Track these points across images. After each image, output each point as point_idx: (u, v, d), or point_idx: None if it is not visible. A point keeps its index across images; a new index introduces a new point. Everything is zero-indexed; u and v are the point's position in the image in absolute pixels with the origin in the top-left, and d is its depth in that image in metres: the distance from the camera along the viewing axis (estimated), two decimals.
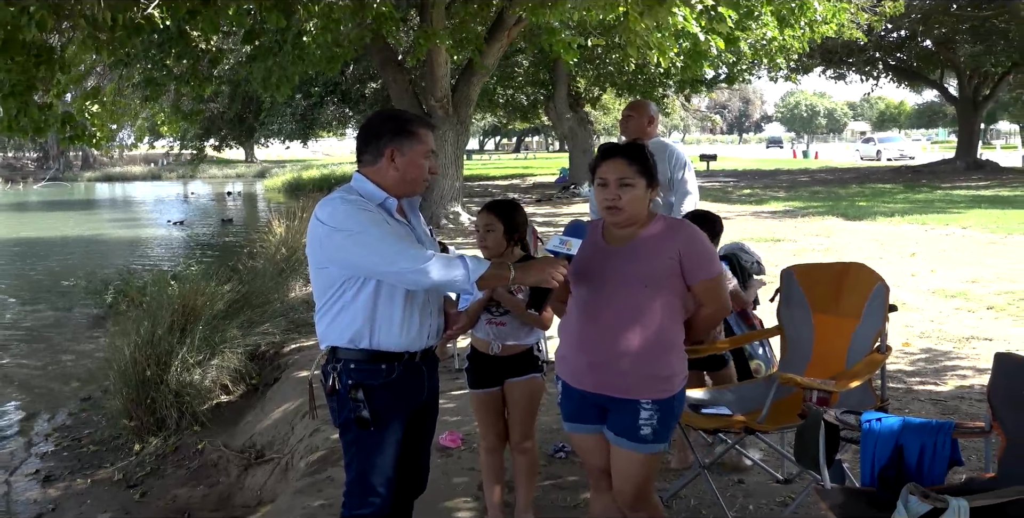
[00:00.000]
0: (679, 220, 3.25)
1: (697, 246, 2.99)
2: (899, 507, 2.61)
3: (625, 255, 2.99)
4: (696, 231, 3.05)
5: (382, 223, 2.87)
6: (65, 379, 9.19)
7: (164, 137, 33.27)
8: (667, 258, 2.94)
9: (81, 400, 8.31)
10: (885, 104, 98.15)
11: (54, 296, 14.27)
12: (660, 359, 2.96)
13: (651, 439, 2.95)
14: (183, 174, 57.09)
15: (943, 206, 19.16)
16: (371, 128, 3.01)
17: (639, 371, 2.94)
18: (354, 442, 2.99)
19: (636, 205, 2.95)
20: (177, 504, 5.73)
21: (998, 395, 3.03)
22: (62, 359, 10.08)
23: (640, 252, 2.97)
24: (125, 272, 13.98)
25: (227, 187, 48.92)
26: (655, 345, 2.95)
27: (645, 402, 2.93)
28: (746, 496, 4.21)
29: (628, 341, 2.93)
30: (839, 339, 3.95)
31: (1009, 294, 8.74)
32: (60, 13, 7.04)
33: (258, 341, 8.64)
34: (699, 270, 2.96)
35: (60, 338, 11.23)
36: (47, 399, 8.55)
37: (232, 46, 17.91)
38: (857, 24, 20.06)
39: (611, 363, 2.95)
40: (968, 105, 36.81)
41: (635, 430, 2.95)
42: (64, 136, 7.85)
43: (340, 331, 2.94)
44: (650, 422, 2.94)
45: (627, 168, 2.94)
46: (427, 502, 3.43)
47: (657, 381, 2.96)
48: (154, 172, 65.20)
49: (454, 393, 5.81)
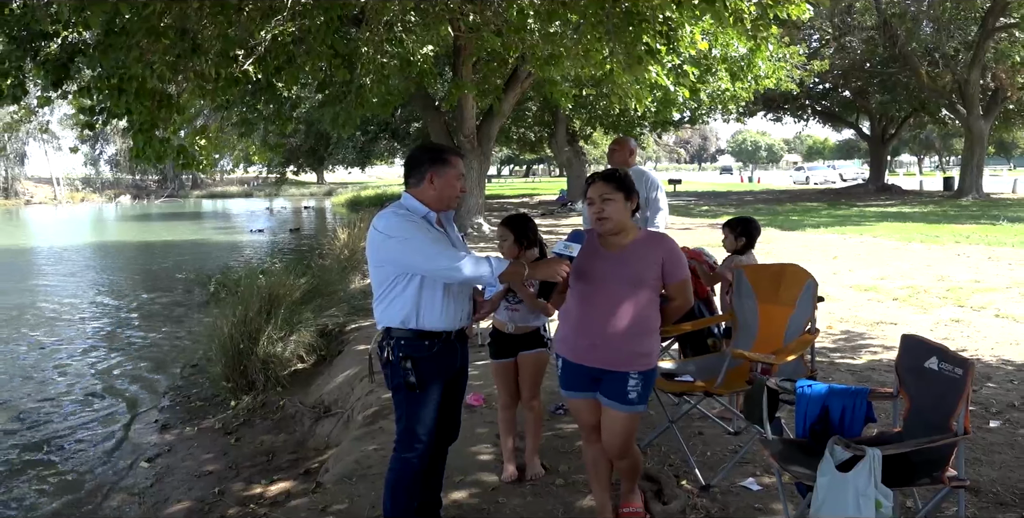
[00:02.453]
0: (661, 234, 3.25)
1: (675, 256, 3.01)
2: (826, 455, 2.59)
3: (616, 259, 2.99)
4: (674, 244, 3.08)
5: (426, 231, 2.87)
6: (178, 350, 9.23)
7: (255, 164, 33.46)
8: (650, 263, 2.96)
9: (190, 366, 8.34)
10: (813, 140, 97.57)
11: (170, 287, 14.35)
12: (643, 340, 2.97)
13: (636, 401, 2.97)
14: (269, 193, 57.43)
15: (858, 220, 19.04)
16: (415, 158, 3.03)
17: (627, 349, 2.95)
18: (403, 401, 2.99)
19: (618, 214, 2.97)
20: (264, 447, 5.74)
21: (904, 366, 3.01)
22: (175, 334, 10.12)
23: (628, 258, 2.98)
24: (224, 268, 14.04)
25: (304, 202, 49.05)
26: (638, 329, 2.96)
27: (633, 373, 2.95)
28: (705, 445, 4.18)
29: (619, 326, 2.94)
30: (778, 323, 3.92)
31: (910, 288, 8.67)
32: (176, 69, 7.06)
33: (326, 322, 8.65)
34: (674, 274, 2.99)
35: (174, 318, 11.28)
36: (164, 365, 8.58)
37: (308, 94, 17.96)
38: (792, 78, 19.96)
39: (605, 343, 2.96)
40: (878, 141, 36.67)
41: (624, 394, 2.96)
42: (179, 163, 7.86)
43: (393, 315, 2.94)
44: (636, 388, 2.95)
45: (606, 187, 2.98)
46: (456, 448, 3.43)
47: (641, 356, 2.97)
48: (247, 191, 65.58)
49: (478, 363, 5.77)
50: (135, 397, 7.47)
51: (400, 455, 3.01)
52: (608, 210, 2.96)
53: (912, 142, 58.03)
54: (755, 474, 3.74)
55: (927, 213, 20.99)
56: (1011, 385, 5.13)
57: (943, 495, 2.68)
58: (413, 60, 11.79)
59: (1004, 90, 27.14)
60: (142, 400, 7.37)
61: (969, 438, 2.75)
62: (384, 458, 3.59)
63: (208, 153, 10.24)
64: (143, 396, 7.51)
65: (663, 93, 11.29)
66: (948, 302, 7.88)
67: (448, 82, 16.68)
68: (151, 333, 10.31)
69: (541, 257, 3.64)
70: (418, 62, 11.98)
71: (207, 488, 5.00)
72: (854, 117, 39.14)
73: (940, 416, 2.70)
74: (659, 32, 7.41)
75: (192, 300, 12.58)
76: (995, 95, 27.77)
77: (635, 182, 3.07)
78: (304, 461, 5.29)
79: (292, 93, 13.55)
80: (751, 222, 4.57)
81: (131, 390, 7.72)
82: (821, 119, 39.13)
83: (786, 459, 2.85)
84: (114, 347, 9.57)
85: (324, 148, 32.30)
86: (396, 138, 30.52)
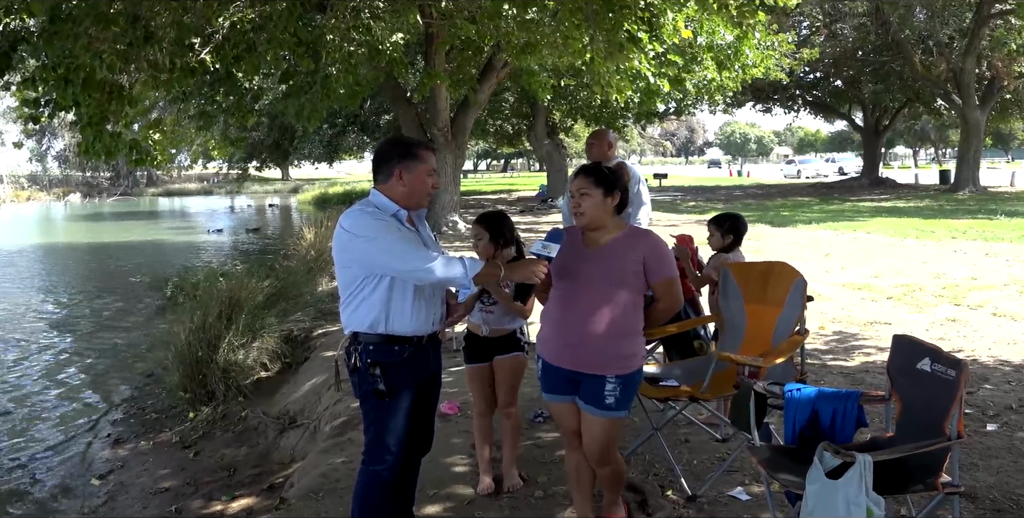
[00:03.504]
0: (644, 230, 3.27)
1: (658, 252, 3.02)
2: (815, 461, 2.61)
3: (597, 258, 3.01)
4: (658, 239, 3.09)
5: (395, 230, 2.86)
6: (132, 359, 9.12)
7: (215, 159, 33.19)
8: (631, 261, 2.97)
9: (145, 376, 8.25)
10: (804, 132, 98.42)
11: (123, 291, 14.18)
12: (623, 342, 2.99)
13: (614, 407, 2.97)
14: (230, 190, 56.87)
15: (851, 215, 19.24)
16: (382, 153, 3.01)
17: (606, 351, 2.96)
18: (372, 410, 2.98)
19: (594, 210, 3.00)
20: (224, 461, 5.69)
21: (895, 368, 3.04)
22: (130, 342, 10.00)
23: (608, 256, 3.00)
24: (182, 270, 13.90)
25: (268, 200, 48.71)
26: (619, 330, 2.97)
27: (611, 377, 2.96)
28: (691, 453, 4.21)
29: (597, 327, 2.95)
30: (766, 323, 3.95)
31: (904, 287, 8.78)
32: (128, 58, 6.99)
33: (291, 327, 8.60)
34: (658, 271, 3.00)
35: (128, 324, 11.14)
36: (117, 375, 8.48)
37: (271, 85, 17.82)
38: (781, 67, 20.13)
39: (583, 344, 2.97)
40: (871, 133, 37.09)
41: (601, 399, 2.96)
42: (132, 159, 7.78)
43: (361, 318, 2.93)
44: (614, 393, 2.96)
45: (584, 181, 3.01)
46: (430, 459, 3.42)
47: (620, 359, 2.98)
48: (206, 188, 64.91)
49: (452, 369, 5.76)
50: (85, 410, 7.37)
51: (369, 467, 2.99)
52: (584, 205, 2.99)
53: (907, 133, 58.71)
54: (743, 483, 3.77)
55: (922, 208, 21.28)
56: (1009, 387, 5.21)
57: (937, 502, 2.72)
58: (382, 48, 11.75)
59: (1000, 79, 27.57)
60: (93, 412, 7.27)
61: (964, 442, 2.79)
62: (353, 471, 3.57)
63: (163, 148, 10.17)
64: (94, 408, 7.41)
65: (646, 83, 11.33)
66: (944, 300, 7.99)
67: (420, 72, 16.64)
68: (103, 341, 10.18)
69: (519, 257, 3.64)
70: (387, 51, 11.93)
71: (163, 506, 4.95)
72: (847, 107, 39.59)
73: (933, 419, 2.73)
74: (641, 18, 7.45)
75: (147, 305, 12.44)
76: (991, 84, 28.21)
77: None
78: (268, 475, 5.25)
79: (253, 84, 13.45)
80: (738, 218, 4.60)
81: (81, 402, 7.62)
82: (812, 110, 39.49)
83: (775, 467, 2.87)
84: (62, 356, 9.45)
85: (289, 142, 32.08)
86: (365, 131, 30.38)
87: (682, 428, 4.53)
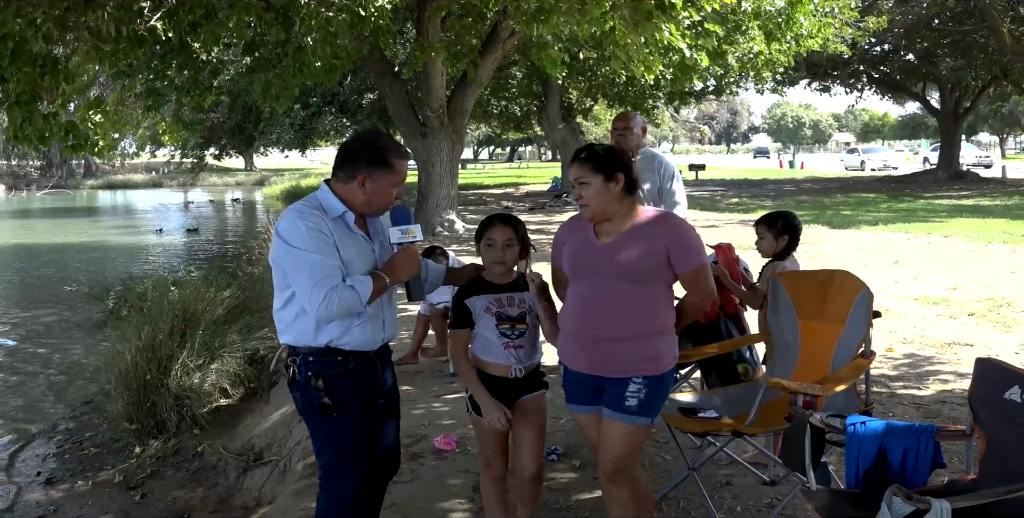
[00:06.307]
0: (664, 213, 3.32)
1: (683, 239, 3.09)
2: (883, 508, 2.61)
3: (612, 251, 3.09)
4: (682, 223, 3.17)
5: (324, 248, 2.94)
6: (66, 383, 9.15)
7: (165, 146, 33.26)
8: (652, 252, 3.04)
9: (83, 403, 8.27)
10: (869, 116, 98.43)
11: (56, 302, 14.21)
12: (647, 343, 3.08)
13: (635, 410, 3.04)
14: (184, 182, 57.08)
15: (925, 215, 19.22)
16: (350, 152, 3.09)
17: (627, 354, 3.06)
18: (322, 429, 3.07)
19: (597, 199, 3.08)
20: (177, 506, 5.71)
21: (979, 399, 3.04)
22: (63, 364, 10.03)
23: (624, 248, 3.08)
24: (127, 278, 13.94)
25: (230, 194, 48.88)
26: (642, 330, 3.06)
27: (636, 378, 3.05)
28: (734, 497, 4.21)
29: (616, 328, 3.05)
30: (825, 344, 3.95)
31: (989, 301, 8.77)
32: (65, 25, 7.03)
33: (257, 345, 8.59)
34: (684, 261, 3.07)
35: (61, 343, 11.17)
36: (49, 403, 8.50)
37: (233, 57, 17.90)
38: (842, 38, 20.13)
39: (602, 348, 3.07)
40: (949, 117, 37.02)
41: (621, 401, 3.05)
42: (67, 145, 7.81)
43: (297, 331, 3.04)
44: (637, 395, 3.04)
45: (580, 169, 3.10)
46: (424, 503, 3.42)
47: (645, 361, 3.07)
48: (155, 180, 65.09)
49: (448, 397, 5.79)
50: (11, 444, 7.39)
51: (326, 492, 3.08)
52: (586, 195, 3.09)
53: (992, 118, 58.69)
54: None
55: (1011, 207, 21.24)
56: None
57: None
58: (365, 14, 11.78)
59: None
60: (20, 448, 7.28)
61: None
62: None
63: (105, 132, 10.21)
64: (22, 443, 7.42)
65: (679, 57, 11.32)
66: None
67: (410, 43, 16.70)
68: (32, 362, 10.21)
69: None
70: (372, 17, 11.97)
71: None
72: (920, 87, 39.51)
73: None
74: None
75: (85, 319, 12.48)
76: None
77: (645, 168, 3.12)
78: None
79: (212, 56, 13.49)
80: (794, 218, 4.60)
81: (5, 435, 7.64)
82: (879, 89, 39.47)
83: (834, 514, 2.88)
84: None
85: (253, 126, 32.14)
86: (344, 113, 30.42)
87: (723, 468, 4.53)
